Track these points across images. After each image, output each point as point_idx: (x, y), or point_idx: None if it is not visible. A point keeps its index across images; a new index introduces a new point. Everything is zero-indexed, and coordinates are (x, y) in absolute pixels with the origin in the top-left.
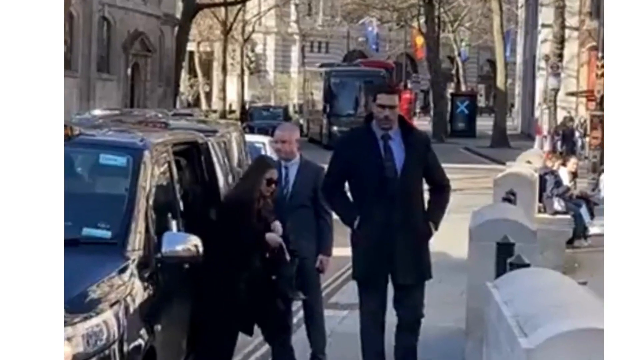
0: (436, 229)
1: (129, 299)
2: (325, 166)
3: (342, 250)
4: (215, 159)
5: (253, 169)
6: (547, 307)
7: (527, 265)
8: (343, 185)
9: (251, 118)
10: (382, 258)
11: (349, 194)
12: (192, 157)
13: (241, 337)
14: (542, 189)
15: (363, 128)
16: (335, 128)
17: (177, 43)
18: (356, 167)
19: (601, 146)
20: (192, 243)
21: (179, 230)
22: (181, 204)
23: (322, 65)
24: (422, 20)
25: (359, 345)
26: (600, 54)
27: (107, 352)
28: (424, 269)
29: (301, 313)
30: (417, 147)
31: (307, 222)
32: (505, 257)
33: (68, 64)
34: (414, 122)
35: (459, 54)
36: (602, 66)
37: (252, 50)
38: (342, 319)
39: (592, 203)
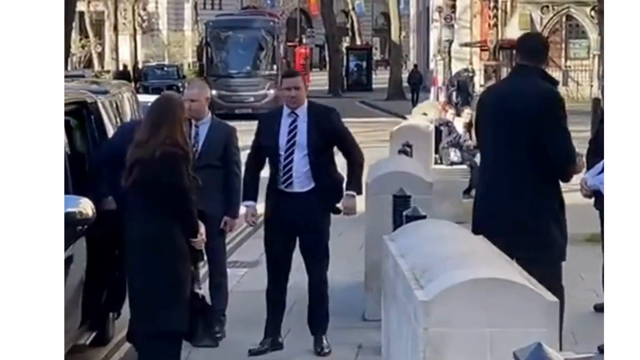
0: None
1: None
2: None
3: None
4: (106, 119)
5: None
6: (442, 258)
7: (424, 217)
8: None
9: (145, 78)
10: None
11: None
12: (81, 116)
13: None
14: (438, 140)
15: None
16: (214, 92)
17: (65, 3)
18: None
19: None
20: (83, 205)
21: (69, 192)
22: (70, 165)
23: None
24: None
25: (259, 303)
26: (492, 4)
27: None
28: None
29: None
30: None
31: (216, 182)
32: (402, 210)
33: None
34: (310, 77)
35: (353, 8)
36: (494, 16)
37: (144, 9)
38: (241, 277)
39: None
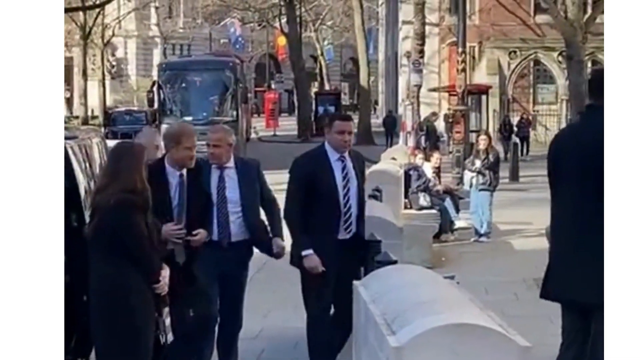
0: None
1: None
2: None
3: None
4: (75, 164)
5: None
6: (414, 303)
7: (394, 262)
8: None
9: (114, 123)
10: None
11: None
12: None
13: None
14: (408, 184)
15: None
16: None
17: None
18: None
19: (464, 141)
20: None
21: None
22: None
23: None
24: (284, 20)
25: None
26: (460, 49)
27: None
28: None
29: None
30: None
31: None
32: (373, 255)
33: None
34: (279, 122)
35: (322, 53)
36: (463, 61)
37: (113, 55)
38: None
39: (456, 197)
